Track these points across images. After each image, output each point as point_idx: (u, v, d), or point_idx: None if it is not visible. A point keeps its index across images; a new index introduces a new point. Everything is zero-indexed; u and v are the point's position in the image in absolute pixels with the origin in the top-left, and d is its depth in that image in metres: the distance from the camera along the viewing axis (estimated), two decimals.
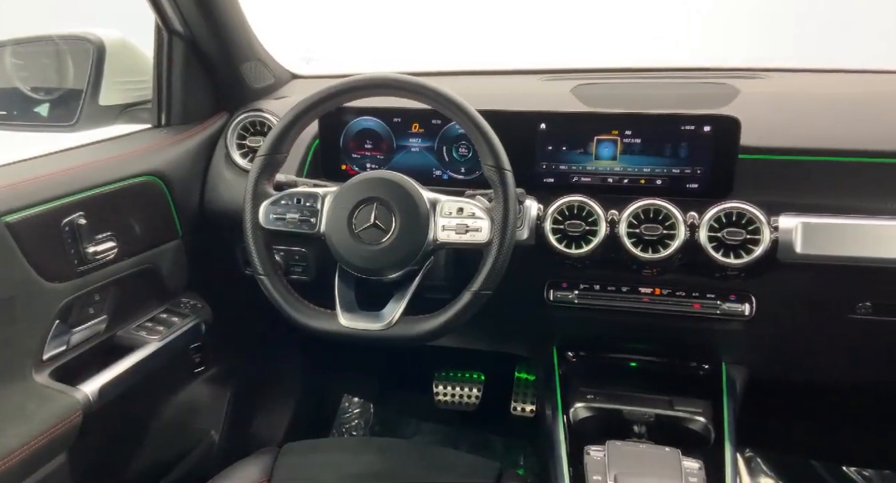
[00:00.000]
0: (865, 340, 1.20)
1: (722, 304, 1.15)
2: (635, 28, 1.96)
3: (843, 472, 1.68)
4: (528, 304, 1.25)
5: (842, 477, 1.67)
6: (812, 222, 1.03)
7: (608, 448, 1.10)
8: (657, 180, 1.13)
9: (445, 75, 1.53)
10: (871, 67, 1.32)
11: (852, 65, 1.34)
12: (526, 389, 1.90)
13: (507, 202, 0.94)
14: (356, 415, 2.01)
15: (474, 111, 0.96)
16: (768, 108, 1.18)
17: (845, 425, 1.70)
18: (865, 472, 1.67)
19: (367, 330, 0.97)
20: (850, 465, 1.69)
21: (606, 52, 1.65)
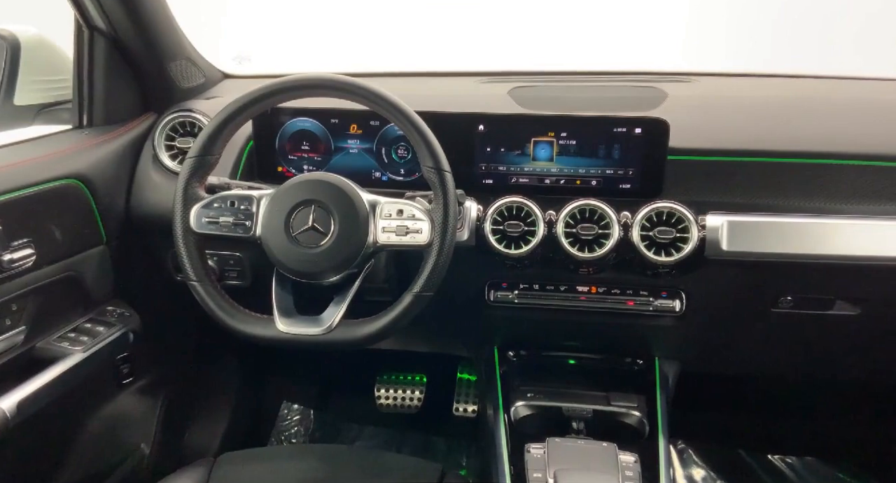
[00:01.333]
0: (787, 333, 1.27)
1: (654, 300, 1.19)
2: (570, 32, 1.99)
3: (768, 461, 1.76)
4: (469, 304, 1.26)
5: (767, 465, 1.76)
6: (737, 220, 1.08)
7: (548, 445, 1.12)
8: (592, 181, 1.15)
9: (383, 76, 1.52)
10: (794, 72, 1.38)
11: (776, 69, 1.41)
12: (468, 390, 1.91)
13: (446, 203, 0.94)
14: (296, 422, 1.97)
15: (412, 112, 0.96)
16: (695, 110, 1.22)
17: (770, 415, 1.79)
18: (788, 459, 1.76)
19: (305, 335, 0.95)
20: (774, 453, 1.77)
21: (542, 55, 1.67)
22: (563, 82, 1.43)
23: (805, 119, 1.18)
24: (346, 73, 0.98)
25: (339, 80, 0.96)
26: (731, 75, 1.42)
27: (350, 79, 0.96)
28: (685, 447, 1.79)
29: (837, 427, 1.75)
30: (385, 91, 0.95)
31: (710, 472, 1.74)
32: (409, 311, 0.94)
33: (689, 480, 1.73)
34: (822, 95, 1.28)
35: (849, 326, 1.19)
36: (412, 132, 0.95)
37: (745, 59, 1.51)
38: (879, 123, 1.14)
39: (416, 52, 1.87)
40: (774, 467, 1.75)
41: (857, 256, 1.06)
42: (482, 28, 2.07)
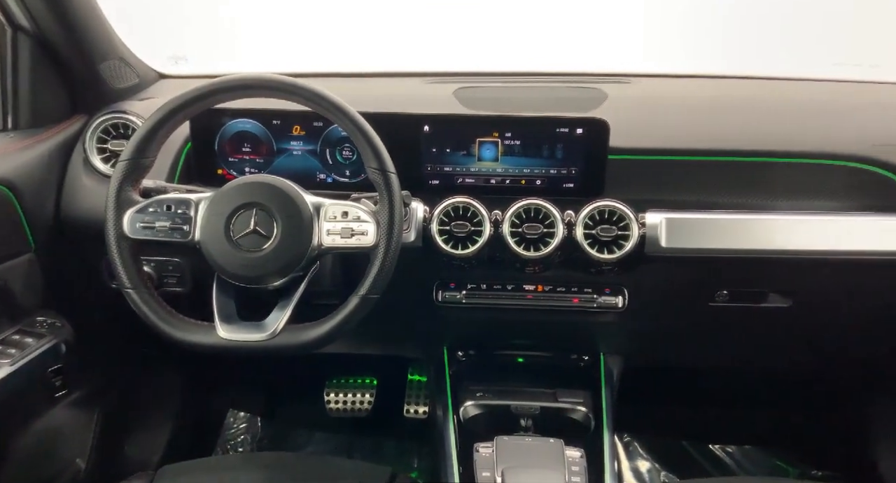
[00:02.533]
0: (723, 326, 1.31)
1: (598, 297, 1.21)
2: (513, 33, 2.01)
3: (709, 450, 1.82)
4: (418, 305, 1.25)
5: (708, 455, 1.82)
6: (675, 218, 1.11)
7: (496, 444, 1.12)
8: (537, 181, 1.16)
9: (326, 77, 1.50)
10: (729, 73, 1.43)
11: (711, 71, 1.45)
12: (419, 391, 1.91)
13: (392, 205, 0.93)
14: (242, 430, 1.92)
15: (355, 113, 0.95)
16: (635, 111, 1.25)
17: (710, 407, 1.85)
18: (728, 448, 1.82)
19: (248, 341, 0.93)
20: (715, 443, 1.84)
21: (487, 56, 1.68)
22: (508, 83, 1.44)
23: (739, 119, 1.22)
24: (287, 73, 0.97)
25: (279, 80, 0.94)
26: (668, 76, 1.46)
27: (291, 79, 0.95)
28: (631, 440, 1.83)
29: (774, 416, 1.82)
30: (327, 91, 0.94)
31: (655, 463, 1.78)
32: (355, 314, 0.93)
33: (634, 472, 1.77)
34: (756, 95, 1.33)
35: (781, 318, 1.24)
36: (355, 133, 0.94)
37: (682, 61, 1.55)
38: (808, 122, 1.20)
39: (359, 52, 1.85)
40: (715, 456, 1.81)
41: (787, 251, 1.10)
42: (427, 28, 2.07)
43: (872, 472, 1.55)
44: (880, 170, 1.12)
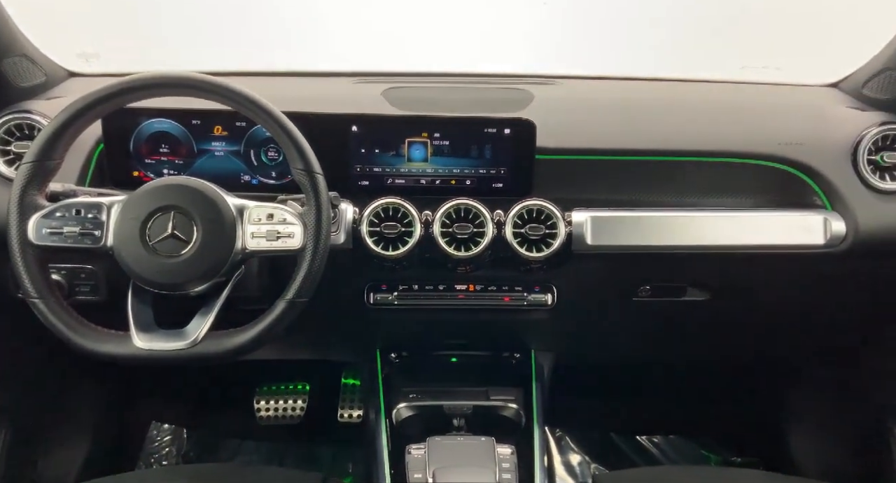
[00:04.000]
0: (647, 320, 1.36)
1: (528, 295, 1.23)
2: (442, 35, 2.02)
3: (637, 442, 1.89)
4: (349, 308, 1.24)
5: (636, 446, 1.88)
6: (599, 216, 1.14)
7: (428, 445, 1.12)
8: (466, 181, 1.17)
9: (251, 76, 1.46)
10: (651, 75, 1.48)
11: (634, 73, 1.49)
12: (353, 395, 1.89)
13: (319, 206, 0.92)
14: (167, 442, 1.84)
15: (279, 112, 0.92)
16: (560, 111, 1.28)
17: (637, 399, 1.91)
18: (655, 438, 1.89)
19: (167, 350, 0.89)
20: (642, 434, 1.90)
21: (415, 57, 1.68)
22: (437, 83, 1.44)
23: (658, 119, 1.26)
24: (209, 72, 0.93)
25: (197, 78, 0.91)
26: (592, 78, 1.50)
27: (210, 77, 0.91)
28: (563, 434, 1.87)
29: (697, 406, 1.90)
30: (248, 90, 0.92)
31: (585, 456, 1.83)
32: (282, 319, 0.91)
33: (566, 466, 1.81)
34: (673, 97, 1.38)
35: (699, 311, 1.30)
36: (279, 133, 0.92)
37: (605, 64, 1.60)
38: (721, 123, 1.25)
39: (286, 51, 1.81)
40: (643, 447, 1.88)
41: (703, 246, 1.15)
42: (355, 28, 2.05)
43: (786, 455, 1.64)
44: (786, 167, 1.19)
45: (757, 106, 1.30)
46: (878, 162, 1.18)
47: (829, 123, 1.23)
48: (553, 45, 1.99)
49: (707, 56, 1.72)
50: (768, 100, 1.36)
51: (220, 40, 1.90)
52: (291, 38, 1.90)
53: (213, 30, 1.96)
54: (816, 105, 1.30)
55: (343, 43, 1.95)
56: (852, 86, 1.34)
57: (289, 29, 1.88)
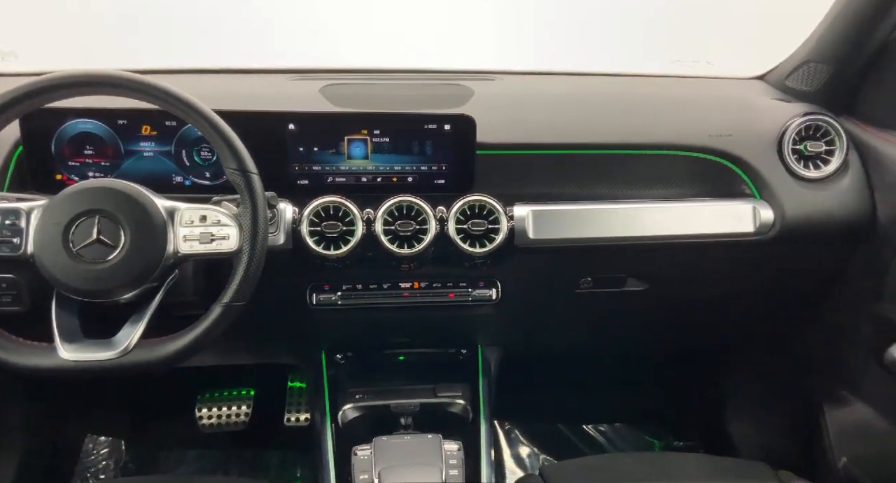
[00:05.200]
0: (589, 311, 1.39)
1: (473, 291, 1.23)
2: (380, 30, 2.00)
3: (583, 431, 1.92)
4: (292, 310, 1.21)
5: (583, 435, 1.92)
6: (540, 210, 1.15)
7: (374, 445, 1.12)
8: (408, 177, 1.16)
9: (181, 74, 1.41)
10: (586, 70, 1.50)
11: (571, 68, 1.52)
12: (299, 398, 1.85)
13: (255, 206, 0.89)
14: (104, 455, 1.77)
15: (209, 111, 0.89)
16: (500, 107, 1.28)
17: (583, 390, 1.95)
18: (601, 427, 1.93)
19: (95, 361, 0.85)
20: (588, 423, 1.94)
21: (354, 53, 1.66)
22: (375, 80, 1.43)
23: (595, 113, 1.29)
24: (136, 69, 0.90)
25: (121, 76, 0.87)
26: (531, 73, 1.51)
27: (134, 75, 0.87)
28: (511, 428, 1.89)
29: (640, 394, 1.95)
30: (175, 88, 0.88)
31: (534, 448, 1.85)
32: (218, 323, 0.88)
33: (516, 459, 1.83)
34: (609, 91, 1.41)
35: (639, 300, 1.33)
36: (210, 132, 0.89)
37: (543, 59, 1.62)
38: (655, 116, 1.28)
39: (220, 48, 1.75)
40: (589, 436, 1.91)
41: (640, 237, 1.18)
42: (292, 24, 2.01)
43: (726, 438, 1.70)
44: (717, 158, 1.23)
45: (688, 99, 1.34)
46: (802, 151, 1.23)
47: (755, 115, 1.28)
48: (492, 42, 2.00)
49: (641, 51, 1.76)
50: (699, 93, 1.40)
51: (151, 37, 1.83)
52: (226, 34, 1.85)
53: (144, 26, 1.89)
54: (744, 97, 1.35)
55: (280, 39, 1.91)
56: (777, 78, 1.39)
57: (222, 25, 1.83)
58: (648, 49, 1.74)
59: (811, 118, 1.23)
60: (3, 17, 1.68)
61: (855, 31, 1.21)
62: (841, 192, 1.22)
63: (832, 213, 1.21)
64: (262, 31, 1.96)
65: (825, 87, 1.29)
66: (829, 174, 1.22)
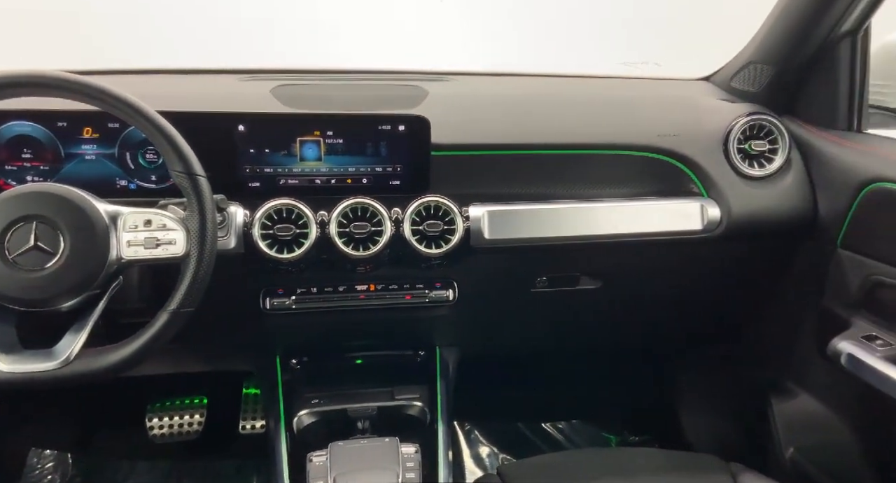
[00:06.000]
0: (545, 310, 1.40)
1: (430, 292, 1.23)
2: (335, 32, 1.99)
3: (542, 429, 1.94)
4: (244, 315, 1.19)
5: (541, 433, 1.93)
6: (496, 210, 1.15)
7: (330, 450, 1.10)
8: (363, 179, 1.15)
9: (125, 74, 1.37)
10: (539, 71, 1.52)
11: (526, 69, 1.53)
12: (255, 405, 1.82)
13: (203, 210, 0.87)
14: (49, 469, 1.70)
15: (152, 111, 0.87)
16: (455, 108, 1.28)
17: (541, 388, 1.96)
18: (559, 424, 1.95)
19: (35, 372, 0.82)
20: (546, 421, 1.95)
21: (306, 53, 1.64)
22: (328, 81, 1.41)
23: (548, 114, 1.30)
24: (78, 70, 0.87)
25: (57, 76, 0.83)
26: (486, 74, 1.52)
27: (72, 75, 0.84)
28: (471, 428, 1.89)
29: (597, 390, 1.98)
30: (116, 89, 0.85)
31: (493, 447, 1.86)
32: (165, 331, 0.85)
33: (475, 459, 1.83)
34: (562, 92, 1.42)
35: (593, 299, 1.35)
36: (153, 133, 0.87)
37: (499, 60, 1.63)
38: (605, 117, 1.30)
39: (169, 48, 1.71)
40: (548, 434, 1.93)
41: (594, 235, 1.19)
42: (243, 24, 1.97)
43: (679, 432, 1.74)
44: (666, 157, 1.25)
45: (637, 100, 1.37)
46: (747, 150, 1.27)
47: (702, 115, 1.31)
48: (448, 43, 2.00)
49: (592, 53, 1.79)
50: (647, 94, 1.43)
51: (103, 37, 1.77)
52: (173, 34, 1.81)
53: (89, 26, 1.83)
54: (690, 98, 1.38)
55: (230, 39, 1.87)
56: (722, 79, 1.43)
57: (168, 24, 1.79)
58: (599, 51, 1.77)
59: (755, 118, 1.27)
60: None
61: (795, 32, 1.25)
62: (784, 190, 1.26)
63: (776, 210, 1.25)
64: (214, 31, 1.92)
65: (768, 87, 1.33)
66: (772, 172, 1.26)
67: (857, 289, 1.20)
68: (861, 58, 1.26)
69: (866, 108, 1.29)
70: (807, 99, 1.33)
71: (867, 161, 1.18)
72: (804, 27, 1.23)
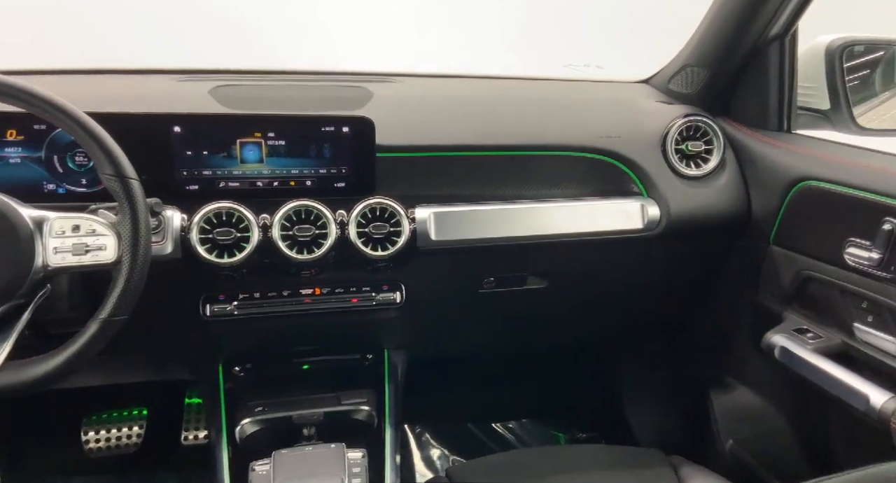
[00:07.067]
0: (493, 310, 1.41)
1: (377, 295, 1.22)
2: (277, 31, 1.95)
3: (492, 429, 1.95)
4: (184, 322, 1.16)
5: (492, 433, 1.94)
6: (442, 212, 1.16)
7: (274, 459, 1.08)
8: (307, 181, 1.13)
9: (56, 74, 1.31)
10: (483, 73, 1.53)
11: (470, 71, 1.53)
12: (198, 415, 1.77)
13: (135, 214, 0.84)
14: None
15: (79, 112, 0.83)
16: (400, 109, 1.28)
17: (490, 388, 1.98)
18: (510, 424, 1.96)
19: None
20: (496, 421, 1.96)
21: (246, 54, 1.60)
22: (270, 81, 1.38)
23: (494, 116, 1.31)
24: (3, 70, 0.82)
25: None
26: (431, 76, 1.52)
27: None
28: (422, 430, 1.88)
29: (546, 389, 2.00)
30: (40, 89, 0.82)
31: (444, 449, 1.86)
32: (96, 340, 0.82)
33: (426, 462, 1.82)
34: (506, 94, 1.43)
35: (540, 298, 1.36)
36: (81, 135, 0.83)
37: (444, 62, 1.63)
38: (549, 118, 1.32)
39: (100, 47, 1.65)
40: (499, 434, 1.94)
41: (539, 235, 1.21)
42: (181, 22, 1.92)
43: (626, 428, 1.77)
44: (608, 158, 1.28)
45: (580, 102, 1.39)
46: (684, 151, 1.30)
47: (641, 117, 1.34)
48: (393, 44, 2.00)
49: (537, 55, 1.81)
50: (590, 96, 1.45)
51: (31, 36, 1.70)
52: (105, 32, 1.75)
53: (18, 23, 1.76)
54: (631, 100, 1.41)
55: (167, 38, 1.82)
56: (660, 81, 1.47)
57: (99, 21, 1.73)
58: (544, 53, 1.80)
59: (691, 119, 1.31)
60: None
61: (727, 36, 1.29)
62: (719, 189, 1.30)
63: (712, 209, 1.29)
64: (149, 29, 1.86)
65: (703, 89, 1.37)
66: (708, 172, 1.30)
67: (788, 284, 1.24)
68: (789, 61, 1.31)
69: (795, 110, 1.34)
70: (740, 100, 1.38)
71: (796, 160, 1.23)
72: (735, 31, 1.27)
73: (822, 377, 1.09)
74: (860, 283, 1.08)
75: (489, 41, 1.89)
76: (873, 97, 1.44)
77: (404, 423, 1.83)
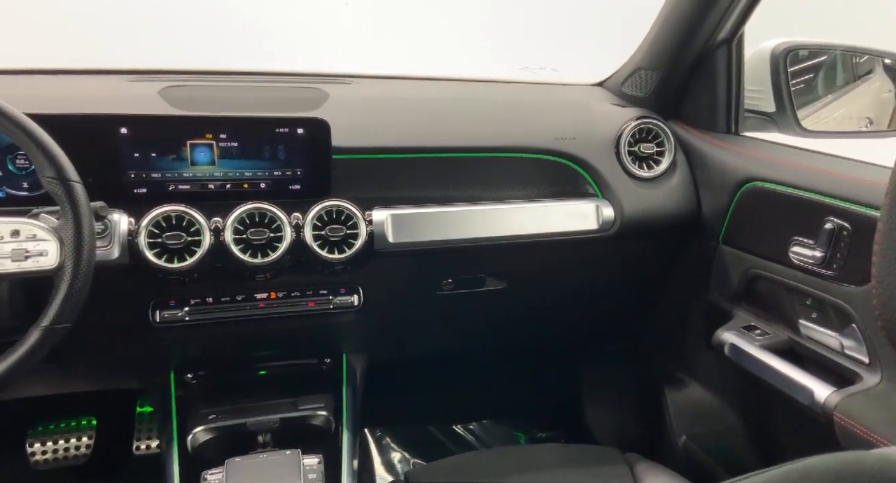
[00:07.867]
0: (451, 312, 1.41)
1: (334, 298, 1.20)
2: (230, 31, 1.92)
3: (453, 431, 1.95)
4: (132, 329, 1.12)
5: (452, 435, 1.94)
6: (399, 214, 1.15)
7: (227, 467, 1.06)
8: (261, 183, 1.11)
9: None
10: (444, 76, 1.53)
11: (426, 73, 1.53)
12: (150, 424, 1.72)
13: (78, 218, 0.82)
14: None
15: (17, 113, 0.81)
16: (357, 111, 1.27)
17: (450, 389, 1.98)
18: (470, 425, 1.97)
19: None
20: (457, 423, 1.97)
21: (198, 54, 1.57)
22: (222, 82, 1.36)
23: (451, 118, 1.31)
24: None
25: None
26: (387, 78, 1.51)
27: None
28: (382, 434, 1.87)
29: (505, 389, 2.01)
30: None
31: (404, 452, 1.85)
32: (37, 349, 0.79)
33: (386, 465, 1.81)
34: (463, 96, 1.44)
35: (498, 299, 1.37)
36: (20, 137, 0.81)
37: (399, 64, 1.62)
38: (505, 120, 1.32)
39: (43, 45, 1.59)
40: (459, 436, 1.94)
41: (497, 237, 1.21)
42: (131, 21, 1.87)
43: (585, 427, 1.79)
44: (563, 160, 1.29)
45: (536, 104, 1.40)
46: (637, 152, 1.33)
47: (595, 119, 1.36)
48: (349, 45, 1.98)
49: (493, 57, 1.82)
50: (545, 98, 1.47)
51: None
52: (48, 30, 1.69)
53: None
54: (585, 103, 1.43)
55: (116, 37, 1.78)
56: (614, 84, 1.49)
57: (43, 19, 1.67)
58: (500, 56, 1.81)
59: (643, 122, 1.33)
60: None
61: (676, 40, 1.32)
62: (671, 190, 1.33)
63: (664, 209, 1.31)
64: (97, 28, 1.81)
65: (655, 92, 1.40)
66: (660, 173, 1.33)
67: (737, 282, 1.28)
68: (736, 64, 1.35)
69: (742, 112, 1.38)
70: (690, 103, 1.41)
71: (743, 162, 1.27)
72: (684, 35, 1.31)
73: (769, 373, 1.12)
74: (805, 280, 1.11)
75: (445, 44, 1.90)
76: (817, 100, 1.49)
77: (363, 428, 1.81)
